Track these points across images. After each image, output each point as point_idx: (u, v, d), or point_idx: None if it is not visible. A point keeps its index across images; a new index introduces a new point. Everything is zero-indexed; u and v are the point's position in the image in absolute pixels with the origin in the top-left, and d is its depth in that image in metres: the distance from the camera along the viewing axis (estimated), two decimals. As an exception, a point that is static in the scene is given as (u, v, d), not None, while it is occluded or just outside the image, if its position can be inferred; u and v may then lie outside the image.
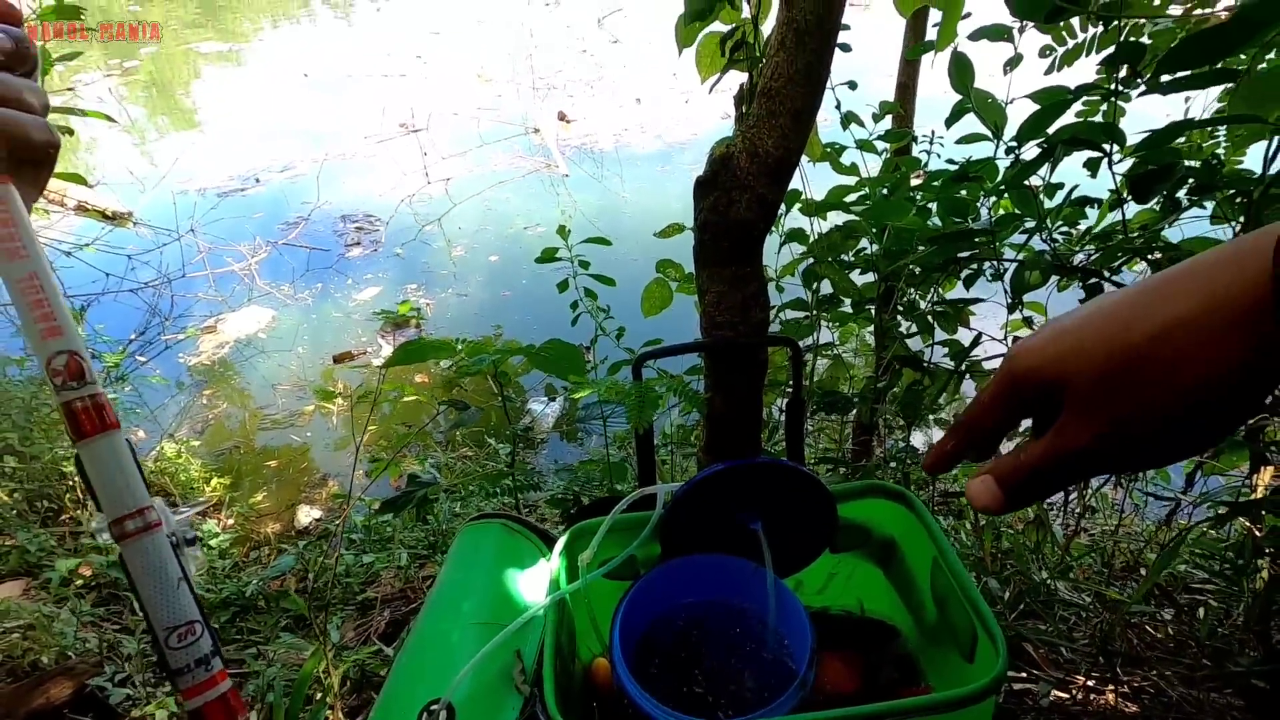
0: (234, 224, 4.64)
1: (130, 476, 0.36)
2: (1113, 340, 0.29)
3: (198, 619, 0.37)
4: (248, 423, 3.19)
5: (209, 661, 0.37)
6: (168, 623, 0.35)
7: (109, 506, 0.35)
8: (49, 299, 0.36)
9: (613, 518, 0.80)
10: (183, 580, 0.36)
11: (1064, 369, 0.31)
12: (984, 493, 0.34)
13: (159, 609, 0.35)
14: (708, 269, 0.82)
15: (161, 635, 0.36)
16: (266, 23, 10.02)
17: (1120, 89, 0.97)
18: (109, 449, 0.35)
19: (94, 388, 0.36)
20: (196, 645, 0.36)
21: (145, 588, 0.35)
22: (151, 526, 0.36)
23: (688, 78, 6.58)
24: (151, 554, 0.35)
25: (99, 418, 0.36)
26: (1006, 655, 0.65)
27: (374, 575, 1.84)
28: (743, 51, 1.09)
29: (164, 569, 0.35)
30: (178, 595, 0.36)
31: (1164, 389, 0.28)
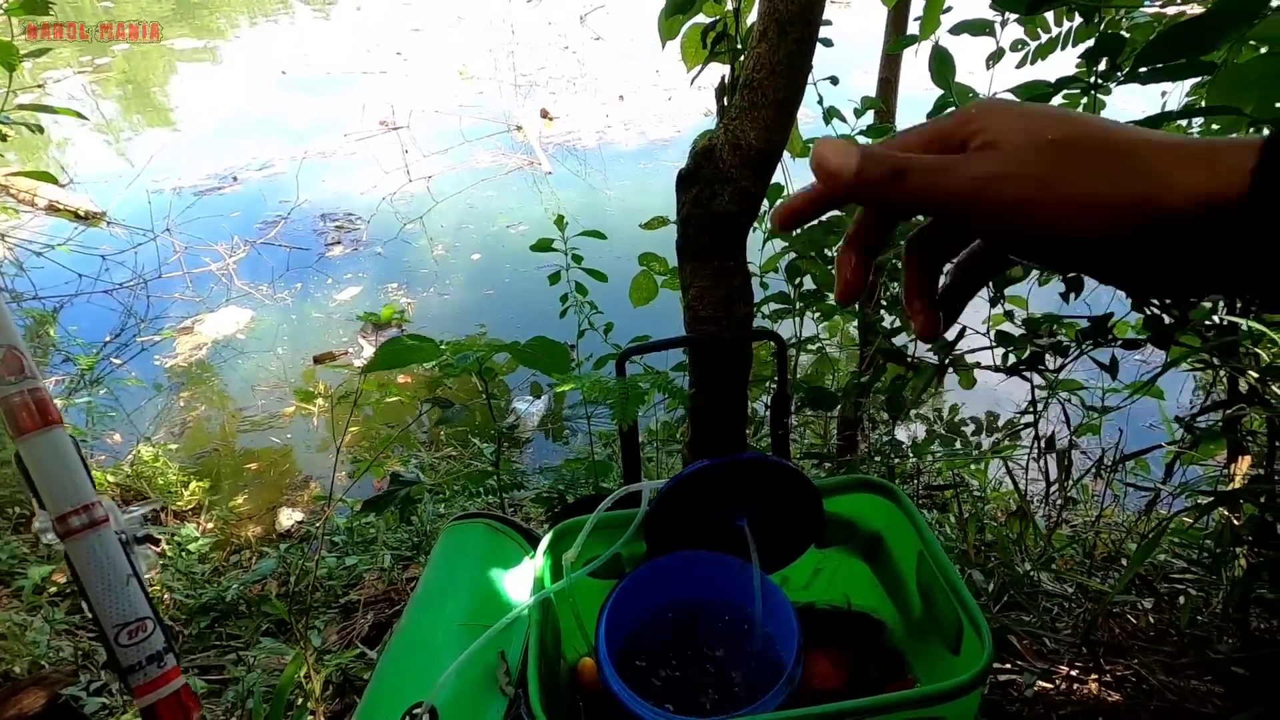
0: (211, 223, 4.56)
1: (74, 472, 0.34)
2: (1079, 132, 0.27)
3: (149, 615, 0.35)
4: (227, 425, 3.14)
5: (161, 658, 0.36)
6: (117, 620, 0.34)
7: (52, 503, 0.34)
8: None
9: (597, 516, 0.79)
10: (133, 577, 0.35)
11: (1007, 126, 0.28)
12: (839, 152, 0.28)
13: (107, 606, 0.34)
14: (691, 263, 0.81)
15: (111, 632, 0.34)
16: (244, 20, 9.88)
17: (1100, 81, 0.97)
18: (50, 444, 0.34)
19: (34, 382, 0.35)
20: (148, 642, 0.35)
21: (93, 585, 0.34)
22: (98, 522, 0.34)
23: (671, 74, 6.58)
24: (99, 550, 0.34)
25: (40, 413, 0.34)
26: (992, 647, 0.65)
27: (357, 577, 1.81)
28: (724, 44, 1.08)
29: (112, 565, 0.34)
30: (127, 592, 0.34)
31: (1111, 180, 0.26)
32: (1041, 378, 1.26)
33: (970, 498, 1.64)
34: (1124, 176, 0.26)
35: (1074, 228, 0.26)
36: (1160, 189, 0.25)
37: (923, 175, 0.28)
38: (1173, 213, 0.25)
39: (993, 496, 1.75)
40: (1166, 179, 0.25)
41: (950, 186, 0.27)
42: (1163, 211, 0.25)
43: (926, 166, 0.28)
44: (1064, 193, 0.26)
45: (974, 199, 0.27)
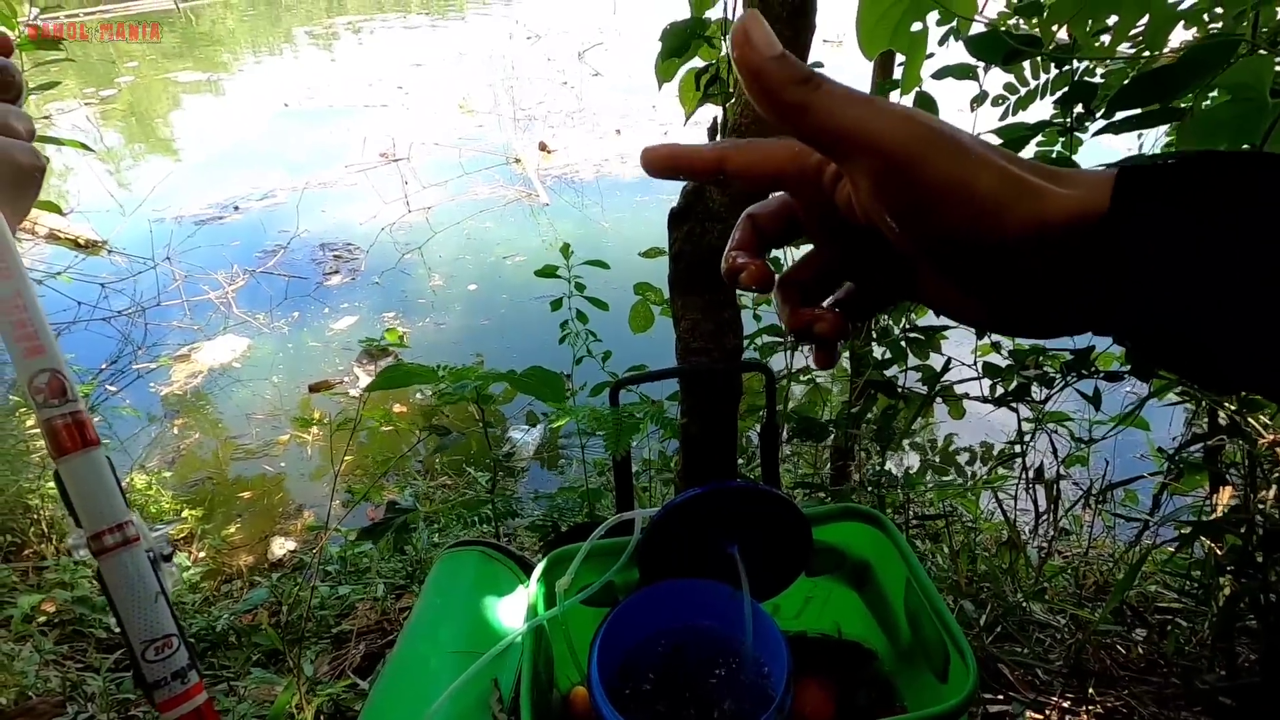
0: (211, 252, 4.60)
1: (110, 492, 0.36)
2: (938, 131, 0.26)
3: (174, 632, 0.37)
4: (220, 453, 3.14)
5: (185, 674, 0.37)
6: (145, 636, 0.36)
7: (89, 521, 0.35)
8: (31, 318, 0.36)
9: (590, 544, 0.81)
10: (160, 594, 0.37)
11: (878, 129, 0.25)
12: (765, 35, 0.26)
13: (136, 622, 0.36)
14: (682, 296, 0.84)
15: (138, 648, 0.36)
16: (248, 54, 10.07)
17: (1075, 125, 1.02)
18: (88, 465, 0.36)
19: (75, 405, 0.37)
20: (173, 659, 0.37)
21: (123, 601, 0.35)
22: (130, 541, 0.36)
23: (667, 110, 6.71)
24: (130, 568, 0.36)
25: (80, 435, 0.36)
26: (977, 673, 0.66)
27: (349, 607, 1.81)
28: (717, 87, 1.13)
29: (142, 583, 0.36)
30: (155, 609, 0.36)
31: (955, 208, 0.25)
32: (1029, 409, 1.29)
33: (962, 528, 1.66)
34: (1009, 183, 0.25)
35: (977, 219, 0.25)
36: (1040, 201, 0.25)
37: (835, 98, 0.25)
38: (1051, 224, 0.24)
39: (984, 527, 1.76)
40: (1045, 193, 0.25)
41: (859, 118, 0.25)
42: (1044, 222, 0.24)
43: (841, 89, 0.26)
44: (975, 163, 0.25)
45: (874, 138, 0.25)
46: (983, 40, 0.83)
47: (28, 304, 0.36)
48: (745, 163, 0.29)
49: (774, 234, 0.32)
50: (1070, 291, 0.26)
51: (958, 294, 0.29)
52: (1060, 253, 0.25)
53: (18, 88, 0.40)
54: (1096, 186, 0.25)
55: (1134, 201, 0.24)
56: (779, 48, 0.26)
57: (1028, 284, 0.26)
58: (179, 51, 9.75)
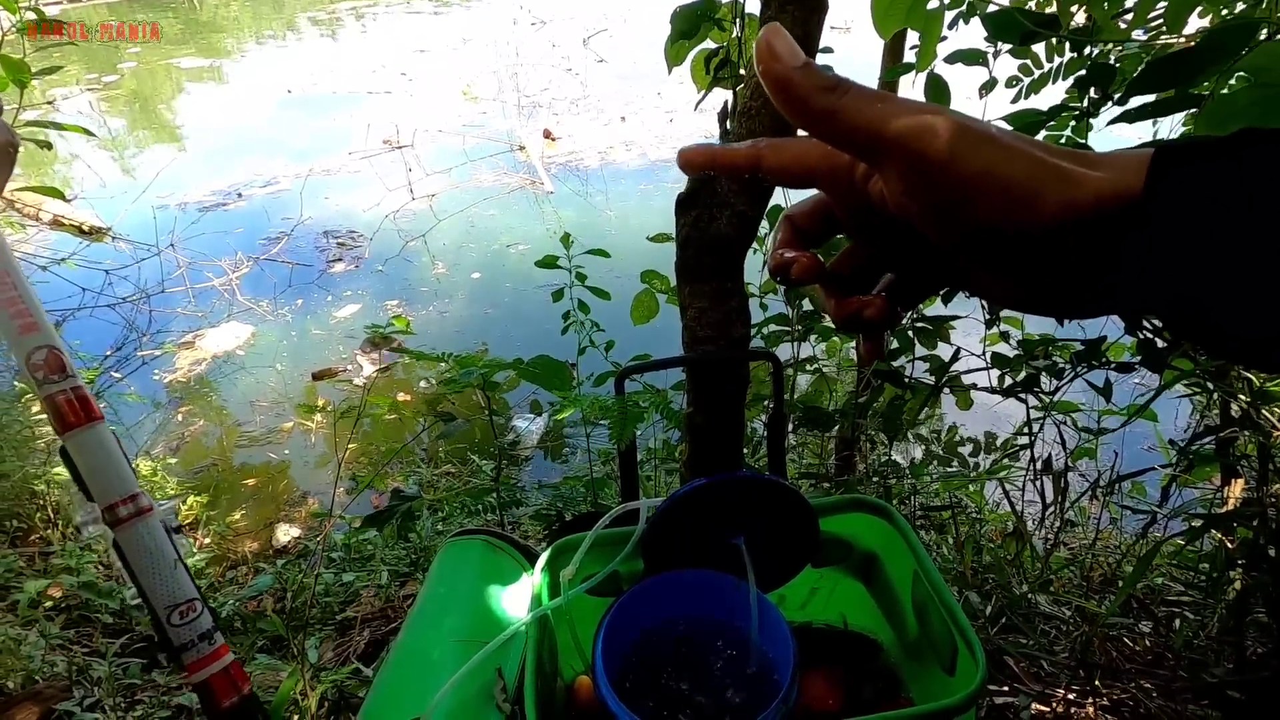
0: (215, 239, 4.60)
1: (119, 464, 0.36)
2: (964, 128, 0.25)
3: (197, 597, 0.37)
4: (225, 440, 3.14)
5: (211, 636, 0.37)
6: (169, 601, 0.35)
7: (100, 494, 0.35)
8: (23, 296, 0.36)
9: (595, 533, 0.80)
10: (179, 561, 0.36)
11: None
12: (789, 45, 0.26)
13: (158, 589, 0.35)
14: (689, 284, 0.82)
15: (163, 614, 0.35)
16: (250, 40, 10.02)
17: (1090, 111, 1.00)
18: (95, 439, 0.35)
19: (75, 380, 0.36)
20: (198, 621, 0.36)
21: (144, 569, 0.35)
22: (144, 511, 0.36)
23: (672, 97, 6.66)
24: (147, 537, 0.35)
25: (83, 409, 0.36)
26: (985, 666, 0.65)
27: (354, 594, 1.81)
28: (727, 70, 1.11)
29: (161, 550, 0.35)
30: (175, 575, 0.36)
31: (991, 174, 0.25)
32: (1037, 399, 1.27)
33: (967, 519, 1.65)
34: (1040, 169, 0.25)
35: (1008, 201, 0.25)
36: (1072, 185, 0.25)
37: (861, 101, 0.26)
38: (1083, 207, 0.25)
39: (990, 518, 1.75)
40: (1076, 177, 0.25)
41: (894, 119, 0.25)
42: (1077, 206, 0.25)
43: (865, 92, 0.26)
44: (1000, 170, 0.25)
45: (913, 140, 0.25)
46: (1000, 18, 0.81)
47: (17, 282, 0.36)
48: (780, 162, 0.30)
49: (813, 232, 0.33)
50: (1103, 272, 0.26)
51: (992, 278, 0.30)
52: (1093, 235, 0.25)
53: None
54: (1129, 169, 0.25)
55: (1168, 183, 0.24)
56: (802, 57, 0.27)
57: (1061, 267, 0.26)
58: (182, 38, 9.70)
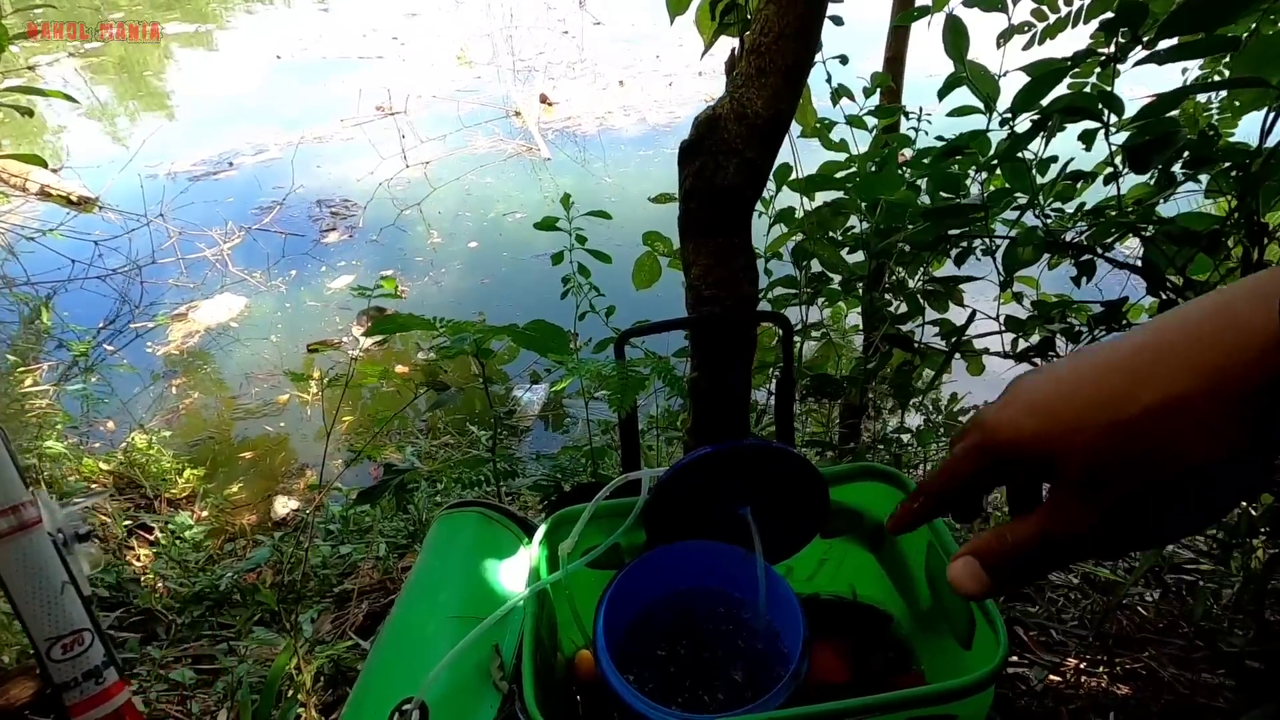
0: (206, 208, 4.51)
1: (2, 468, 0.31)
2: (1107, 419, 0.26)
3: (86, 627, 0.32)
4: (221, 412, 3.11)
5: (100, 674, 0.32)
6: (49, 633, 0.31)
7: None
8: None
9: (595, 505, 0.76)
10: (68, 584, 0.31)
11: (1051, 447, 0.28)
12: (968, 577, 0.31)
13: (38, 618, 0.31)
14: (693, 240, 0.77)
15: (42, 647, 0.31)
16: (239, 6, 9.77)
17: (1117, 56, 0.94)
18: None
19: None
20: (85, 656, 0.32)
21: (21, 595, 0.31)
22: (28, 525, 0.31)
23: (671, 60, 6.50)
24: (29, 556, 0.31)
25: None
26: (1007, 643, 0.62)
27: (352, 566, 1.79)
28: (734, 15, 1.04)
29: (43, 573, 0.31)
30: (60, 602, 0.31)
31: (1166, 473, 0.26)
32: (1052, 364, 1.23)
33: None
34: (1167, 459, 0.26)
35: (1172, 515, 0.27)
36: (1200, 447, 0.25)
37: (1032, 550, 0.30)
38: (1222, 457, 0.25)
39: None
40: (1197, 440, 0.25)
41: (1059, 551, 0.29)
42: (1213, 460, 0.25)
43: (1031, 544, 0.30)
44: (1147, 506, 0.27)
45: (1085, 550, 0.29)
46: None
47: None
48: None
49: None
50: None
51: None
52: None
53: None
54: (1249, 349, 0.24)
55: None
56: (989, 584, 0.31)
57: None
58: (167, 3, 9.45)
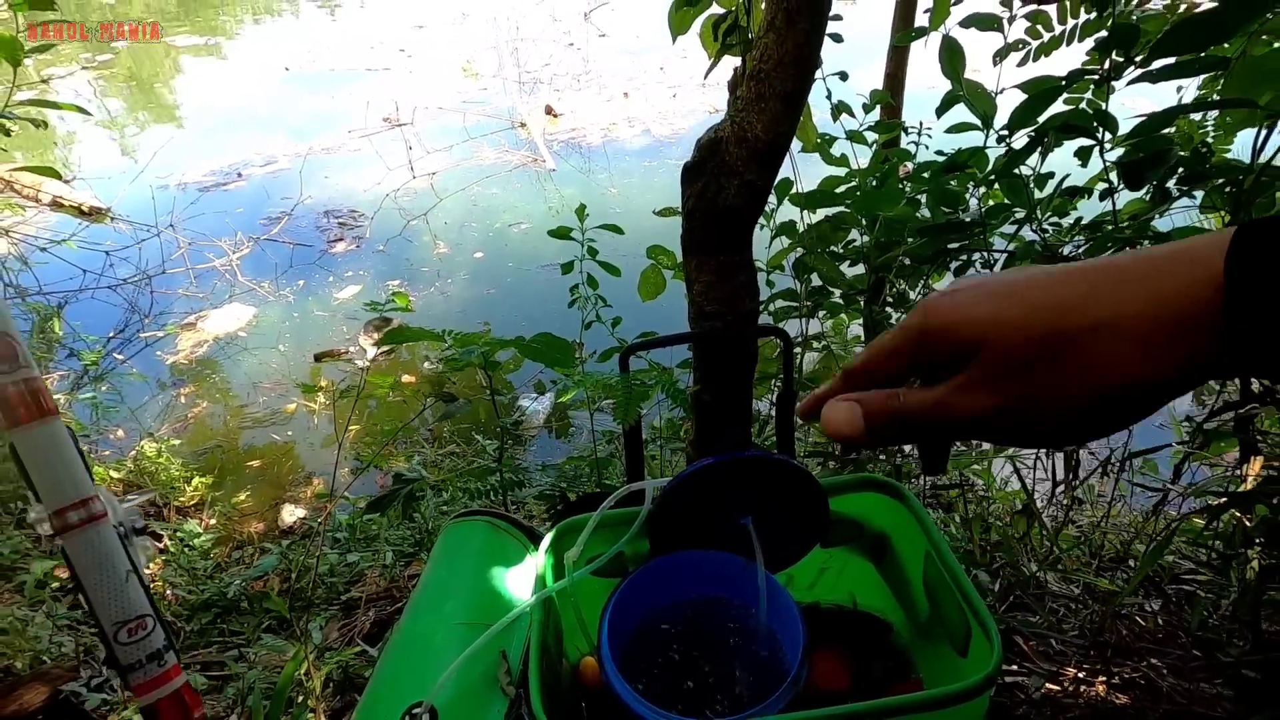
0: (215, 219, 4.56)
1: (71, 465, 0.33)
2: (1046, 320, 0.28)
3: (149, 613, 0.34)
4: (229, 421, 3.14)
5: (161, 656, 0.35)
6: (116, 618, 0.33)
7: (48, 497, 0.33)
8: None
9: (600, 514, 0.78)
10: (132, 573, 0.34)
11: (983, 333, 0.29)
12: (844, 420, 0.32)
13: (107, 604, 0.33)
14: (696, 257, 0.80)
15: (110, 631, 0.34)
16: (248, 18, 9.89)
17: (1110, 74, 0.96)
18: (46, 437, 0.33)
19: (29, 371, 0.34)
20: (148, 640, 0.34)
21: (91, 582, 0.33)
22: (96, 518, 0.33)
23: (675, 71, 6.56)
24: (97, 546, 0.33)
25: (35, 403, 0.33)
26: (1001, 650, 0.63)
27: (359, 574, 1.81)
28: (736, 35, 1.07)
29: (110, 562, 0.33)
30: (126, 589, 0.34)
31: (1085, 382, 0.27)
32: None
33: (976, 497, 1.63)
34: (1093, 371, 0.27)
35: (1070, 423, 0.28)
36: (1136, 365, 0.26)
37: (921, 418, 0.31)
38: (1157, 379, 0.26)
39: (998, 496, 1.74)
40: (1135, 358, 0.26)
41: (948, 425, 0.30)
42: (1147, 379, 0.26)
43: (922, 411, 0.31)
44: (1049, 408, 0.28)
45: (974, 431, 0.30)
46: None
47: None
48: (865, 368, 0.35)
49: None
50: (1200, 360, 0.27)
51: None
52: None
53: None
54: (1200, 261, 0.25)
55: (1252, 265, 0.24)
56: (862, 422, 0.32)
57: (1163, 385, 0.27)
58: (176, 16, 9.57)
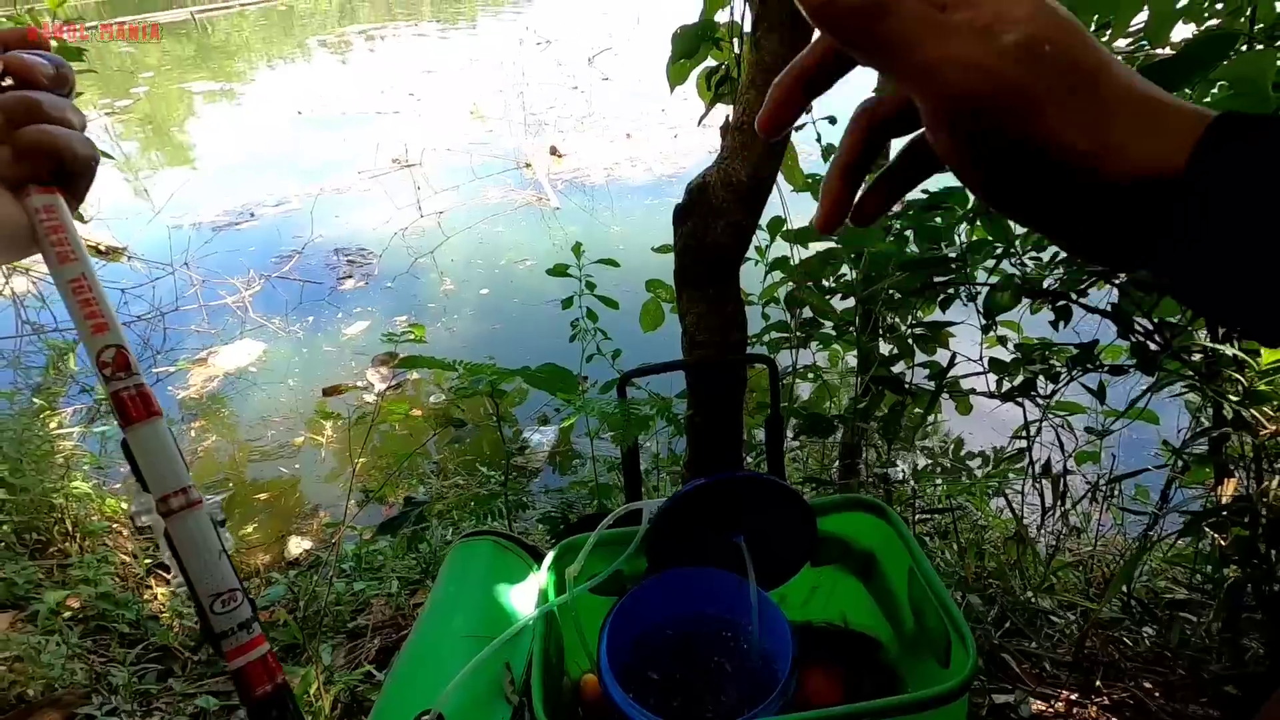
0: (228, 257, 4.68)
1: (173, 458, 0.39)
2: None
3: (238, 587, 0.39)
4: (237, 455, 3.19)
5: (250, 625, 0.40)
6: (212, 590, 0.38)
7: (155, 485, 0.38)
8: (97, 298, 0.39)
9: (599, 533, 0.83)
10: (223, 552, 0.39)
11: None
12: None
13: (204, 578, 0.38)
14: (688, 291, 0.86)
15: (206, 602, 0.38)
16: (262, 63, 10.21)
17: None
18: (153, 434, 0.38)
19: (139, 378, 0.39)
20: (238, 610, 0.39)
21: (191, 559, 0.38)
22: (194, 504, 0.39)
23: (676, 114, 6.73)
24: (195, 528, 0.38)
25: (144, 405, 0.39)
26: (976, 656, 0.67)
27: (364, 603, 1.83)
28: (728, 86, 1.15)
29: (207, 541, 0.38)
30: (220, 565, 0.39)
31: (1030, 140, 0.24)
32: (1034, 404, 1.29)
33: (971, 525, 1.66)
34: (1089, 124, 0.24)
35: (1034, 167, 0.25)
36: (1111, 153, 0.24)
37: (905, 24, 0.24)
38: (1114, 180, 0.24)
39: (993, 523, 1.77)
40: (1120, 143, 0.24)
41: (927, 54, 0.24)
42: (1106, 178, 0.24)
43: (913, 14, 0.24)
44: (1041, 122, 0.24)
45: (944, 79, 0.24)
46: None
47: (92, 284, 0.39)
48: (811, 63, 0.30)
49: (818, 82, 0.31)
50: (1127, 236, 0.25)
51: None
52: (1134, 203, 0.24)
53: (71, 83, 0.42)
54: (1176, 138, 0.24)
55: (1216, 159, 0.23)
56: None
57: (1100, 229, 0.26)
58: (194, 62, 9.90)
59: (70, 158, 0.40)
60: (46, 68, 0.40)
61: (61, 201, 0.40)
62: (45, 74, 0.40)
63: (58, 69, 0.41)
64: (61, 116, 0.40)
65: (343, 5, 13.23)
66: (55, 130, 0.40)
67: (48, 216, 0.39)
